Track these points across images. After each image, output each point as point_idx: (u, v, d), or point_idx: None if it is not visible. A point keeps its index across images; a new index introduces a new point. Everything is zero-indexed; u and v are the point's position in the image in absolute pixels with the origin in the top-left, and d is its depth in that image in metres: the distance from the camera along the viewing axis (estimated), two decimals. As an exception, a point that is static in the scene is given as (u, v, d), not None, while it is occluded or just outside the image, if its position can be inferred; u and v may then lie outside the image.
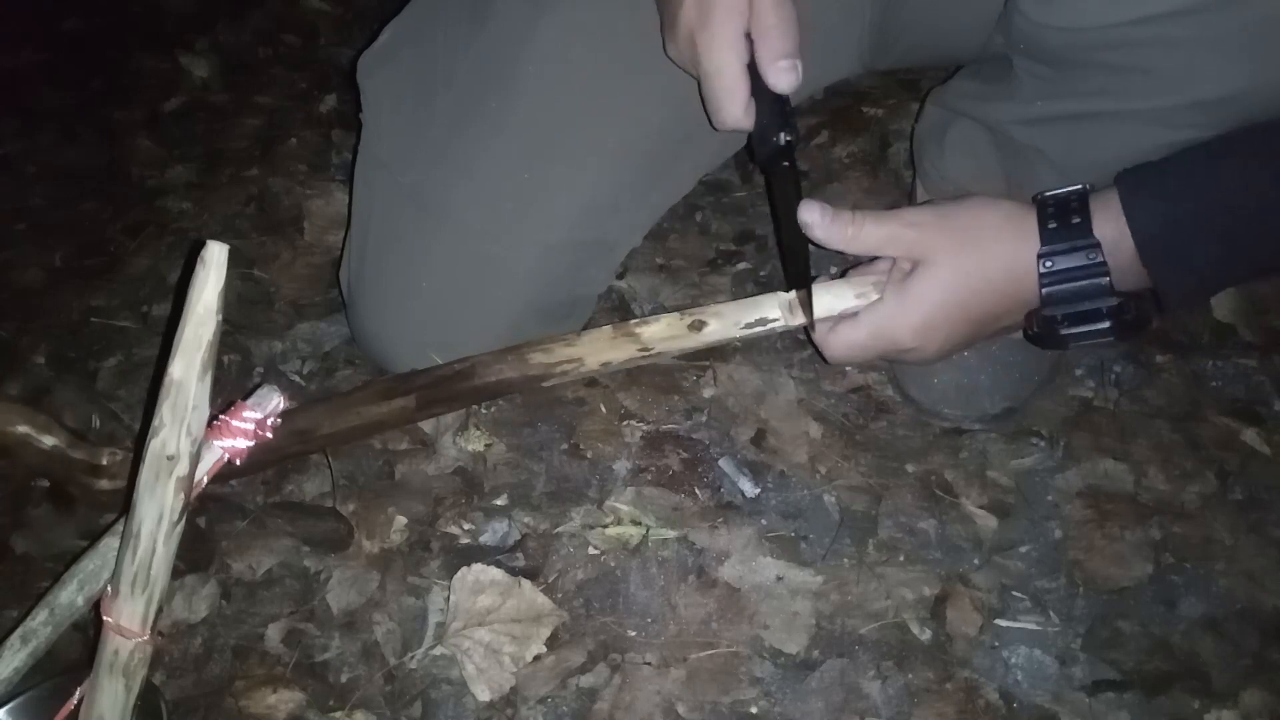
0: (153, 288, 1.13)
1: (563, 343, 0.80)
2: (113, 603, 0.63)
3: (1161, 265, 0.69)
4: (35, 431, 0.81)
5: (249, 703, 0.78)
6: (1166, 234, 0.68)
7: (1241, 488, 0.86)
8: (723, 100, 0.73)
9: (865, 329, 0.75)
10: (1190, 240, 0.68)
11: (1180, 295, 0.72)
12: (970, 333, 0.76)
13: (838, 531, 0.85)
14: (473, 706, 0.77)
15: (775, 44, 0.71)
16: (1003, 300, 0.73)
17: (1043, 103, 0.80)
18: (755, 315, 0.78)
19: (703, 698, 0.76)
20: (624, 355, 0.79)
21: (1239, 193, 0.68)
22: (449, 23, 0.90)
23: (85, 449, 0.82)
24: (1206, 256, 0.69)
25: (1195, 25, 0.66)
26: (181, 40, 1.48)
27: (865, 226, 0.74)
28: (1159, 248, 0.68)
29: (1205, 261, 0.69)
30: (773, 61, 0.70)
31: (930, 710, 0.75)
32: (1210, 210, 0.68)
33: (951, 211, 0.74)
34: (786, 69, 0.70)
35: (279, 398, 0.70)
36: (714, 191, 1.17)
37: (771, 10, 0.70)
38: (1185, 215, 0.68)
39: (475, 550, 0.86)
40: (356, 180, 0.95)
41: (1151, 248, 0.68)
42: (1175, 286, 0.71)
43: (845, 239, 0.74)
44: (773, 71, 0.71)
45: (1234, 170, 0.68)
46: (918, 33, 0.92)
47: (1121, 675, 0.76)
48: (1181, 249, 0.68)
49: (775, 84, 0.71)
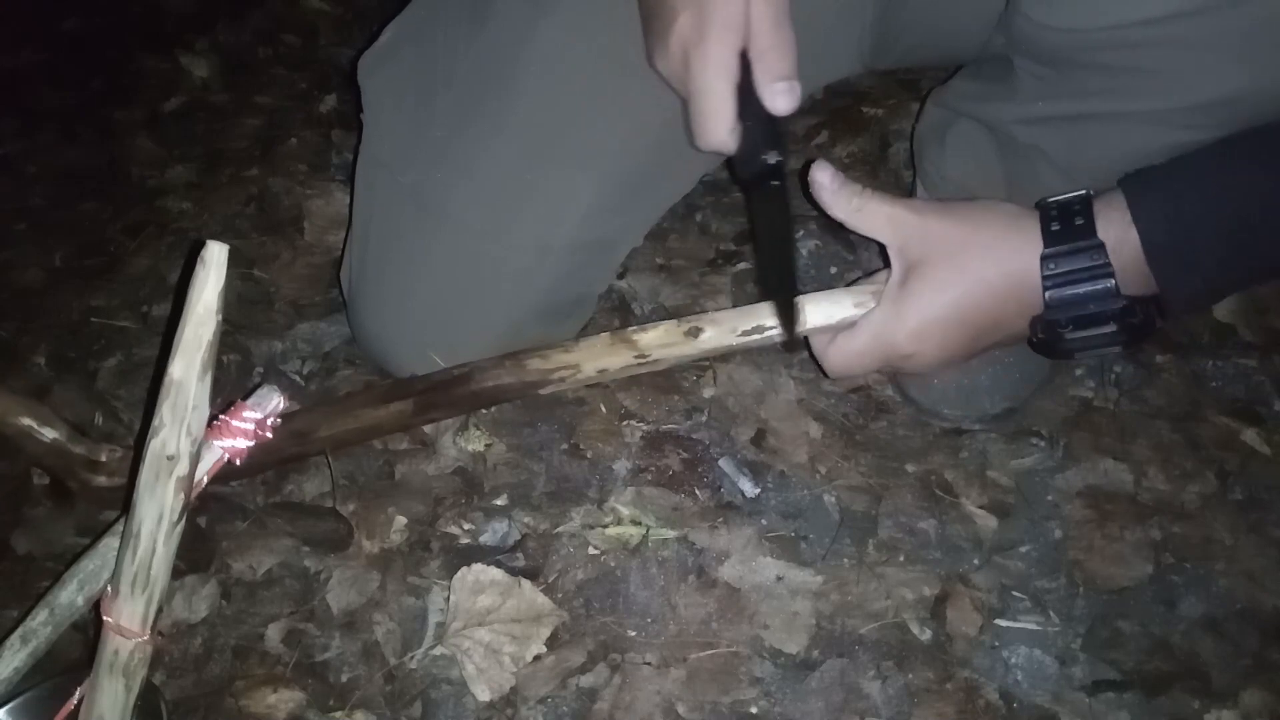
0: (153, 288, 1.13)
1: (560, 349, 0.80)
2: (113, 603, 0.63)
3: (1168, 268, 0.68)
4: (37, 424, 0.81)
5: (249, 703, 0.78)
6: (1173, 236, 0.67)
7: (1241, 488, 0.87)
8: (708, 120, 0.71)
9: (863, 337, 0.74)
10: (1197, 243, 0.67)
11: (1186, 299, 0.71)
12: (970, 338, 0.75)
13: (838, 531, 0.85)
14: (473, 706, 0.77)
15: (773, 65, 0.70)
16: (1004, 304, 0.72)
17: (1044, 103, 0.80)
18: (753, 323, 0.77)
19: (703, 698, 0.76)
20: (621, 362, 0.79)
21: (1246, 195, 0.68)
22: (449, 23, 0.90)
23: (85, 444, 0.82)
24: (1214, 259, 0.68)
25: (1196, 27, 0.66)
26: (181, 40, 1.48)
27: (871, 201, 0.73)
28: (1166, 250, 0.68)
29: (1212, 264, 0.69)
30: (770, 83, 0.70)
31: (930, 710, 0.75)
32: (1217, 213, 0.67)
33: (955, 208, 0.74)
34: (784, 91, 0.70)
35: (279, 398, 0.70)
36: (714, 191, 1.17)
37: (770, 32, 0.70)
38: (1192, 217, 0.67)
39: (475, 550, 0.86)
40: (357, 180, 0.95)
41: (1158, 250, 0.67)
42: (1181, 290, 0.70)
43: (849, 208, 0.73)
44: (770, 93, 0.70)
45: (1241, 173, 0.68)
46: (918, 32, 0.92)
47: (1121, 675, 0.76)
48: (1188, 251, 0.68)
49: (772, 106, 0.70)
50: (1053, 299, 0.70)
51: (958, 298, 0.72)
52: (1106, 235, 0.68)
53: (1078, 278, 0.69)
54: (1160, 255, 0.68)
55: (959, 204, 0.75)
